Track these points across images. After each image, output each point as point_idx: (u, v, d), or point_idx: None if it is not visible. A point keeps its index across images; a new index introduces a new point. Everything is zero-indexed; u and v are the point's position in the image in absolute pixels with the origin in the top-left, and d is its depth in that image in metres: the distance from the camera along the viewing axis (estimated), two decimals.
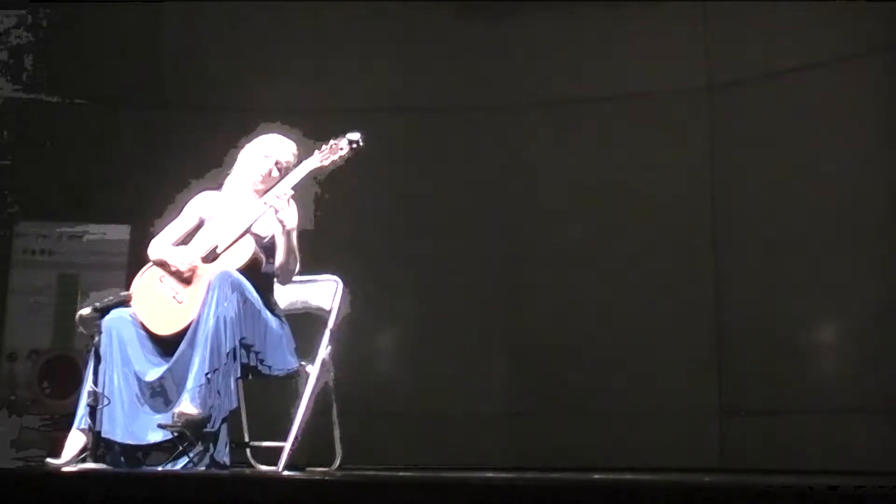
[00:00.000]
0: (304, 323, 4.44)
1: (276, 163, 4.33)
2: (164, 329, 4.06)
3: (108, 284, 5.64)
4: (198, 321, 3.95)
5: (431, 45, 6.92)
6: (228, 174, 4.39)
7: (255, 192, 4.30)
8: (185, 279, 4.10)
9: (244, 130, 4.47)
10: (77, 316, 4.05)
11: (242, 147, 4.43)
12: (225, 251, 4.15)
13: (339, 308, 4.39)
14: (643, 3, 6.58)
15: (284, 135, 4.44)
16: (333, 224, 6.08)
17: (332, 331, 4.35)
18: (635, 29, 6.63)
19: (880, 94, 5.91)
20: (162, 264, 4.17)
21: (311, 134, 4.42)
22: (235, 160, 4.41)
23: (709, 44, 6.52)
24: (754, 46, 6.31)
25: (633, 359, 6.37)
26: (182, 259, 4.13)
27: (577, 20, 6.71)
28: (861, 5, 5.78)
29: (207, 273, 4.05)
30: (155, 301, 4.11)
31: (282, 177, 4.31)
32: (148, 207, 4.93)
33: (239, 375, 4.00)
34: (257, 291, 4.09)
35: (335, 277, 4.45)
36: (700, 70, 6.52)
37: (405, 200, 6.80)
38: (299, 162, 4.34)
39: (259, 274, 4.16)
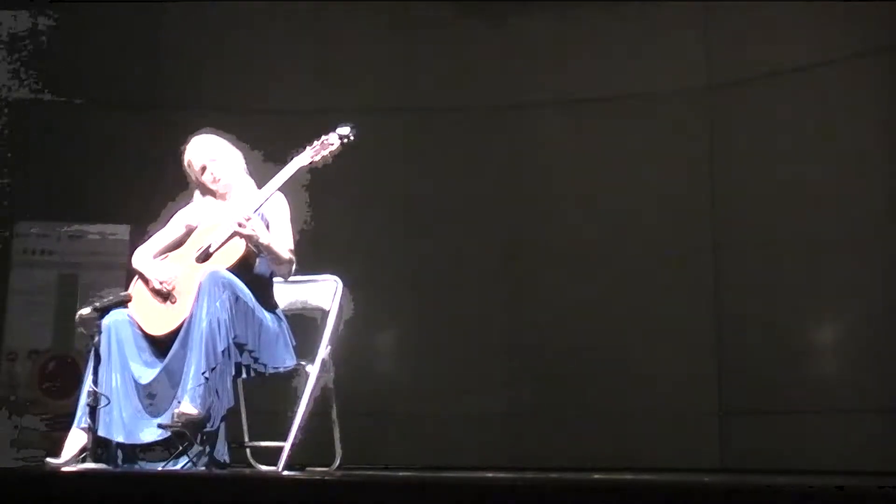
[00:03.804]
0: (305, 323, 4.44)
1: (203, 168, 4.29)
2: (158, 329, 4.07)
3: (108, 284, 5.64)
4: (190, 322, 3.95)
5: (431, 45, 6.92)
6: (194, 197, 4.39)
7: (225, 199, 4.31)
8: (166, 288, 4.11)
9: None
10: (77, 316, 4.05)
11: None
12: (217, 250, 4.15)
13: (339, 308, 4.39)
14: (643, 3, 6.58)
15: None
16: (333, 224, 6.09)
17: (331, 331, 4.34)
18: (635, 29, 6.64)
19: (880, 94, 5.91)
20: (140, 276, 4.19)
21: (312, 134, 4.41)
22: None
23: (709, 44, 6.52)
24: (754, 46, 6.31)
25: (633, 359, 6.37)
26: (157, 274, 4.15)
27: (577, 20, 6.71)
28: (861, 5, 5.78)
29: (200, 273, 4.05)
30: (149, 302, 4.13)
31: (229, 167, 4.29)
32: (148, 207, 4.93)
33: (233, 374, 4.01)
34: (251, 289, 4.09)
35: (335, 277, 4.44)
36: (700, 70, 6.52)
37: (405, 200, 6.79)
38: (288, 158, 4.32)
39: (252, 272, 4.16)
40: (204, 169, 4.30)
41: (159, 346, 4.06)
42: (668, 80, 6.55)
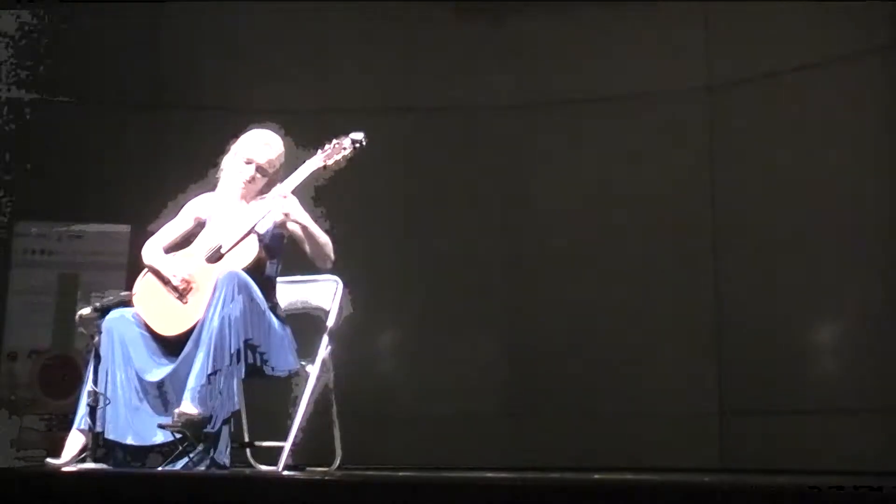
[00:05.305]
0: (304, 323, 4.44)
1: (258, 168, 4.26)
2: (169, 329, 4.05)
3: (108, 284, 5.65)
4: (203, 321, 3.94)
5: (431, 45, 6.92)
6: (219, 176, 4.37)
7: (242, 198, 4.30)
8: (182, 285, 4.10)
9: (244, 131, 4.46)
10: (77, 316, 4.05)
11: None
12: (229, 251, 4.14)
13: (339, 308, 4.39)
14: (643, 3, 6.58)
15: (272, 129, 4.40)
16: (333, 224, 6.08)
17: (331, 331, 4.35)
18: (635, 29, 6.63)
19: (880, 94, 5.91)
20: (154, 271, 4.17)
21: (312, 134, 4.41)
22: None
23: (709, 44, 6.52)
24: (754, 46, 6.31)
25: (634, 359, 6.37)
26: (174, 270, 4.13)
27: (577, 20, 6.71)
28: (861, 5, 5.78)
29: (212, 273, 4.04)
30: (159, 301, 4.10)
31: (267, 178, 4.29)
32: (148, 207, 4.93)
33: (243, 376, 3.99)
34: (261, 291, 4.09)
35: (335, 277, 4.44)
36: (700, 70, 6.52)
37: (405, 200, 6.79)
38: (301, 162, 4.33)
39: (262, 274, 4.16)
40: (250, 163, 4.26)
41: (169, 346, 4.04)
42: (668, 80, 6.55)
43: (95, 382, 3.92)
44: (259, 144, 4.30)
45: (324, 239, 4.23)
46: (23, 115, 6.58)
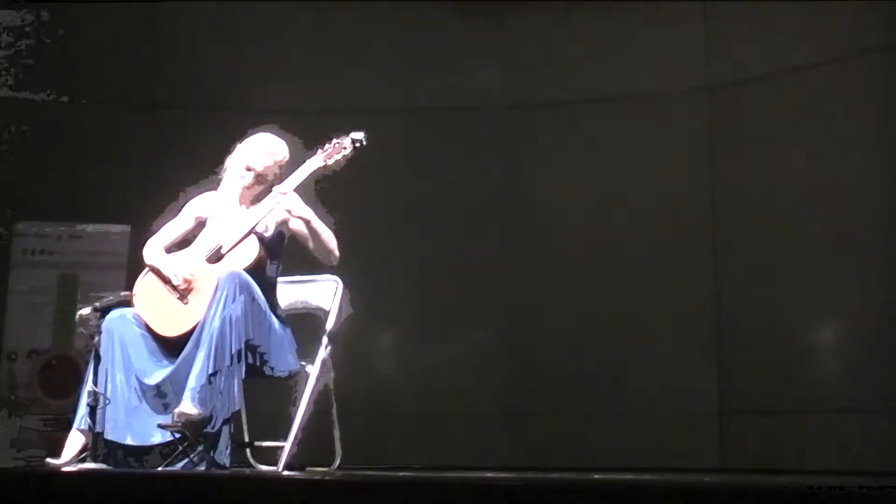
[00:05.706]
0: (304, 323, 4.44)
1: (257, 175, 4.26)
2: (170, 330, 4.04)
3: (108, 284, 5.65)
4: (204, 320, 3.94)
5: (431, 45, 6.92)
6: (223, 176, 4.37)
7: (241, 200, 4.29)
8: (183, 285, 4.09)
9: (244, 131, 4.46)
10: (77, 316, 4.05)
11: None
12: (230, 251, 4.14)
13: (339, 308, 4.39)
14: (643, 3, 6.58)
15: (278, 134, 4.40)
16: (333, 224, 6.08)
17: (331, 331, 4.35)
18: (635, 29, 6.64)
19: (880, 94, 5.90)
20: (155, 271, 4.17)
21: (311, 134, 4.41)
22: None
23: (709, 44, 6.52)
24: (754, 46, 6.31)
25: (633, 359, 6.37)
26: (176, 270, 4.12)
27: (577, 20, 6.71)
28: (861, 5, 5.78)
29: (213, 273, 4.04)
30: (159, 302, 4.10)
31: (266, 185, 4.28)
32: (148, 207, 4.92)
33: (244, 377, 3.99)
34: (261, 292, 4.09)
35: (335, 277, 4.44)
36: (700, 70, 6.52)
37: (405, 200, 6.80)
38: (301, 162, 4.32)
39: (263, 275, 4.15)
40: (249, 170, 4.26)
41: (169, 346, 4.04)
42: (668, 80, 6.55)
43: (95, 382, 3.92)
44: (259, 153, 4.30)
45: (328, 234, 4.23)
46: (23, 115, 6.58)
